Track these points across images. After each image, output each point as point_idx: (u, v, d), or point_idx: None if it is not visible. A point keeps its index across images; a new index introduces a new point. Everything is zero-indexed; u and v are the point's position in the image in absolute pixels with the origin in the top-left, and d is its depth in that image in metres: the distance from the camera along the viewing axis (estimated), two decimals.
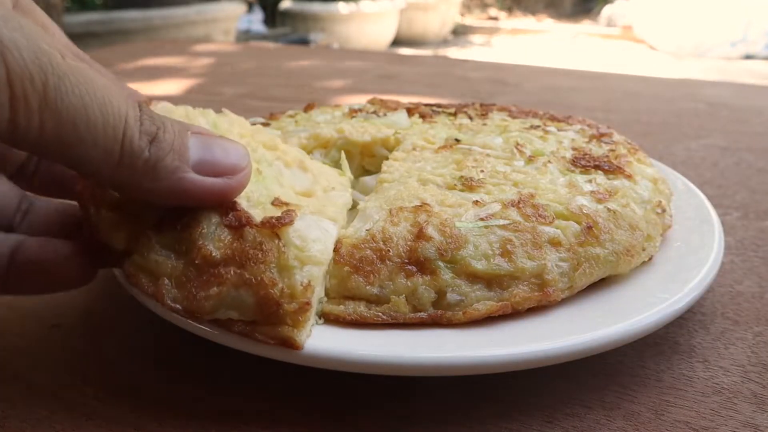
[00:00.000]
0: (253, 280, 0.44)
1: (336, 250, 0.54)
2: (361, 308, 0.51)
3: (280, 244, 0.45)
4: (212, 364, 0.54)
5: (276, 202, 0.50)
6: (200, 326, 0.49)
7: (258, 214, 0.47)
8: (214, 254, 0.45)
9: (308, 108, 0.90)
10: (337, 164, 0.80)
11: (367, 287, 0.51)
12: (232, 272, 0.44)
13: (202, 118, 0.56)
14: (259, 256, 0.44)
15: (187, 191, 0.42)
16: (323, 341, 0.47)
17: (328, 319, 0.51)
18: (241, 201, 0.48)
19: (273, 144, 0.60)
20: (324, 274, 0.48)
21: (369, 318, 0.51)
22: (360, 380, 0.49)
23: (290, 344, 0.44)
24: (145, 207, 0.47)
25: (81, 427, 0.48)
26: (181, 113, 0.54)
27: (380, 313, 0.51)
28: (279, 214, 0.47)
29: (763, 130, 1.26)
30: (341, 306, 0.51)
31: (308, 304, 0.45)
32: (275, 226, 0.46)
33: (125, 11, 4.37)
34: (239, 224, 0.46)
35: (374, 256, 0.53)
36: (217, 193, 0.44)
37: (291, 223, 0.46)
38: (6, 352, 0.56)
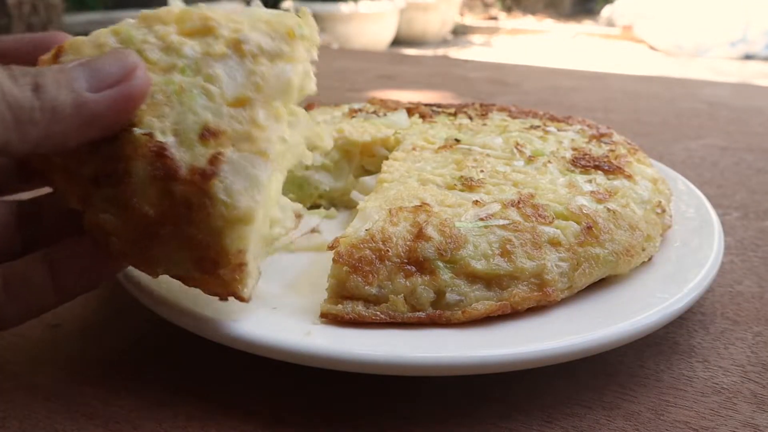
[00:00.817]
0: (187, 242, 0.44)
1: (334, 248, 0.54)
2: (360, 308, 0.51)
3: (207, 202, 0.44)
4: (212, 364, 0.54)
5: (205, 135, 0.46)
6: (200, 325, 0.50)
7: (186, 159, 0.44)
8: (149, 213, 0.44)
9: (308, 108, 0.90)
10: (337, 164, 0.80)
11: (366, 287, 0.51)
12: (168, 232, 0.44)
13: (113, 36, 0.49)
14: (190, 215, 0.44)
15: (93, 114, 0.42)
16: (322, 341, 0.47)
17: (327, 318, 0.51)
18: (168, 137, 0.45)
19: (205, 26, 0.50)
20: (255, 228, 0.46)
21: (367, 317, 0.51)
22: (360, 380, 0.49)
23: (238, 298, 0.46)
24: (80, 160, 0.46)
25: (81, 427, 0.48)
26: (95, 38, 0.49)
27: (378, 313, 0.51)
28: (205, 157, 0.45)
29: (763, 130, 1.26)
30: (339, 306, 0.51)
31: (242, 265, 0.45)
32: (199, 183, 0.44)
33: (125, 11, 4.38)
34: (166, 175, 0.44)
35: (373, 256, 0.53)
36: (122, 100, 0.43)
37: (215, 175, 0.44)
38: (6, 352, 0.56)
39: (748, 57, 6.33)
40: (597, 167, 0.67)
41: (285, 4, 6.13)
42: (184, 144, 0.45)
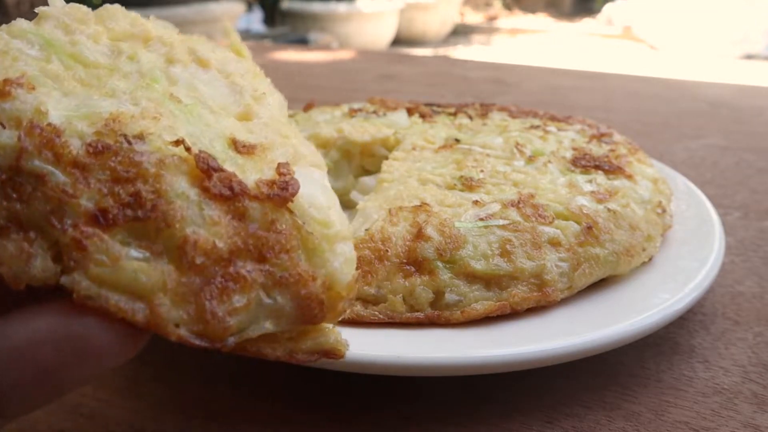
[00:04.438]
0: (289, 276, 0.32)
1: None
2: (358, 308, 0.51)
3: (297, 220, 0.33)
4: (212, 364, 0.54)
5: (239, 148, 0.35)
6: None
7: (237, 172, 0.33)
8: (218, 245, 0.30)
9: (308, 108, 0.89)
10: (337, 165, 0.80)
11: (365, 287, 0.51)
12: (255, 270, 0.31)
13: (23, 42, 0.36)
14: (282, 241, 0.32)
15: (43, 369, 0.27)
16: None
17: None
18: (197, 146, 0.33)
19: (138, 32, 0.40)
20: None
21: (365, 317, 0.51)
22: (359, 380, 0.49)
23: (334, 355, 0.34)
24: (64, 192, 0.29)
25: (81, 427, 0.47)
26: None
27: (377, 313, 0.51)
28: (260, 169, 0.34)
29: (763, 130, 1.26)
30: None
31: (352, 300, 0.34)
32: (284, 197, 0.32)
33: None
34: (231, 193, 0.32)
35: (372, 256, 0.53)
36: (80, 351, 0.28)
37: (298, 187, 0.33)
38: None
39: (748, 57, 6.32)
40: (597, 167, 0.67)
41: (283, 4, 6.13)
42: (222, 160, 0.33)
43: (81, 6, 0.39)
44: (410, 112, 0.86)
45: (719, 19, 6.44)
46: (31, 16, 0.38)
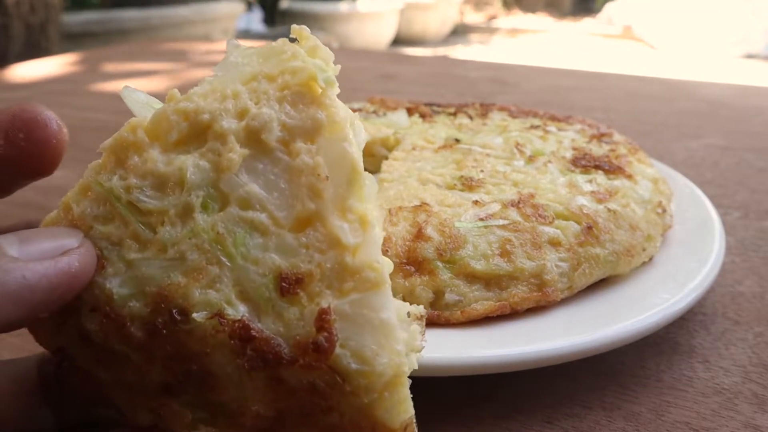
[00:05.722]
0: None
1: None
2: None
3: (338, 380, 0.31)
4: None
5: (284, 287, 0.32)
6: None
7: (281, 330, 0.32)
8: (263, 413, 0.32)
9: None
10: None
11: None
12: (297, 429, 0.33)
13: (84, 200, 0.34)
14: (324, 402, 0.32)
15: (25, 284, 0.31)
16: None
17: None
18: (238, 308, 0.32)
19: (196, 124, 0.34)
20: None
21: None
22: None
23: None
24: (139, 370, 0.33)
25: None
26: None
27: None
28: (307, 321, 0.31)
29: (763, 130, 1.26)
30: None
31: None
32: (318, 363, 0.31)
33: (124, 10, 4.37)
34: (266, 363, 0.31)
35: None
36: (63, 272, 0.32)
37: (333, 345, 0.31)
38: (5, 352, 0.56)
39: (748, 56, 6.32)
40: (597, 167, 0.67)
41: (283, 4, 6.13)
42: (264, 309, 0.32)
43: (140, 121, 0.35)
44: (410, 112, 0.86)
45: (719, 19, 6.44)
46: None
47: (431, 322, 0.51)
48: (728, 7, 6.45)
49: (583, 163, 0.68)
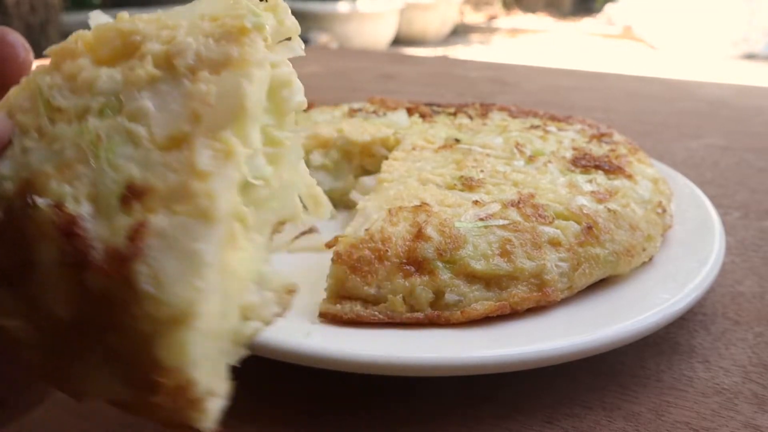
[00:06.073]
0: (111, 355, 0.32)
1: (333, 246, 0.54)
2: (358, 308, 0.51)
3: (130, 297, 0.30)
4: None
5: (127, 196, 0.32)
6: None
7: (104, 235, 0.31)
8: (62, 315, 0.32)
9: (308, 108, 0.89)
10: (337, 165, 0.80)
11: (365, 288, 0.51)
12: (89, 341, 0.32)
13: (24, 92, 0.38)
14: (110, 317, 0.31)
15: None
16: (322, 341, 0.47)
17: (326, 318, 0.51)
18: (82, 206, 0.32)
19: (127, 44, 0.37)
20: (204, 329, 0.32)
21: (365, 317, 0.50)
22: (359, 380, 0.49)
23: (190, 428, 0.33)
24: None
25: (81, 427, 0.47)
26: None
27: (377, 313, 0.51)
28: (125, 230, 0.31)
29: (764, 129, 1.26)
30: (338, 306, 0.51)
31: (187, 386, 0.32)
32: (117, 270, 0.30)
33: (124, 9, 4.38)
34: (76, 261, 0.31)
35: (372, 257, 0.52)
36: None
37: (137, 257, 0.30)
38: None
39: (748, 56, 6.32)
40: (597, 167, 0.67)
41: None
42: (103, 213, 0.32)
43: (84, 33, 0.38)
44: (410, 112, 0.86)
45: (719, 19, 6.44)
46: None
47: (431, 322, 0.51)
48: (728, 7, 6.44)
49: (583, 163, 0.68)
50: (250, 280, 0.36)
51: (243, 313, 0.35)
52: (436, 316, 0.51)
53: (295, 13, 0.41)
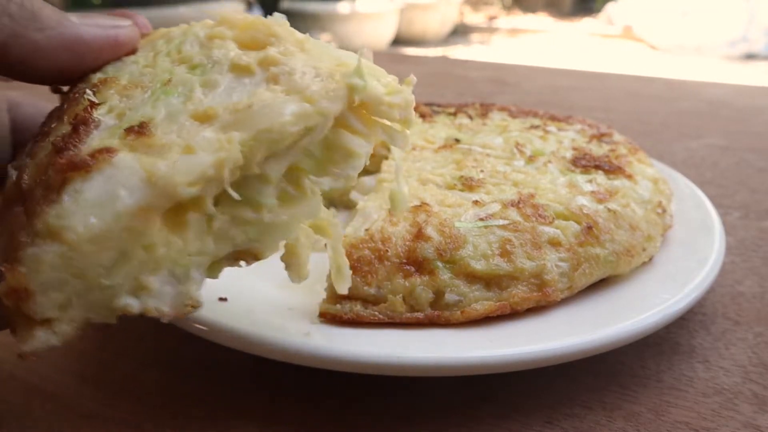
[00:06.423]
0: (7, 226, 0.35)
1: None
2: (358, 308, 0.51)
3: (53, 197, 0.33)
4: (211, 365, 0.54)
5: (133, 129, 0.36)
6: (196, 326, 0.49)
7: (94, 143, 0.36)
8: (20, 182, 0.36)
9: None
10: None
11: (365, 287, 0.51)
12: (17, 211, 0.35)
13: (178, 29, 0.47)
14: (32, 204, 0.34)
15: (79, 37, 0.42)
16: (321, 341, 0.47)
17: (325, 318, 0.51)
18: (106, 115, 0.38)
19: (263, 41, 0.43)
20: (75, 258, 0.33)
21: (365, 317, 0.50)
22: (359, 380, 0.49)
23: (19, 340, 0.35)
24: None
25: (80, 427, 0.47)
26: None
27: (377, 313, 0.51)
28: (94, 149, 0.35)
29: (763, 130, 1.26)
30: (338, 305, 0.51)
31: (26, 295, 0.33)
32: (62, 169, 0.33)
33: (123, 10, 4.38)
34: (56, 146, 0.35)
35: (372, 256, 0.52)
36: (111, 38, 0.43)
37: (83, 169, 0.33)
38: (3, 352, 0.56)
39: (748, 56, 6.32)
40: (597, 167, 0.67)
41: (283, 4, 6.13)
42: (110, 130, 0.37)
43: (248, 16, 0.44)
44: None
45: (719, 19, 6.44)
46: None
47: (431, 322, 0.51)
48: (728, 7, 6.44)
49: (583, 163, 0.68)
50: (166, 268, 0.36)
51: (134, 286, 0.36)
52: (436, 316, 0.51)
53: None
